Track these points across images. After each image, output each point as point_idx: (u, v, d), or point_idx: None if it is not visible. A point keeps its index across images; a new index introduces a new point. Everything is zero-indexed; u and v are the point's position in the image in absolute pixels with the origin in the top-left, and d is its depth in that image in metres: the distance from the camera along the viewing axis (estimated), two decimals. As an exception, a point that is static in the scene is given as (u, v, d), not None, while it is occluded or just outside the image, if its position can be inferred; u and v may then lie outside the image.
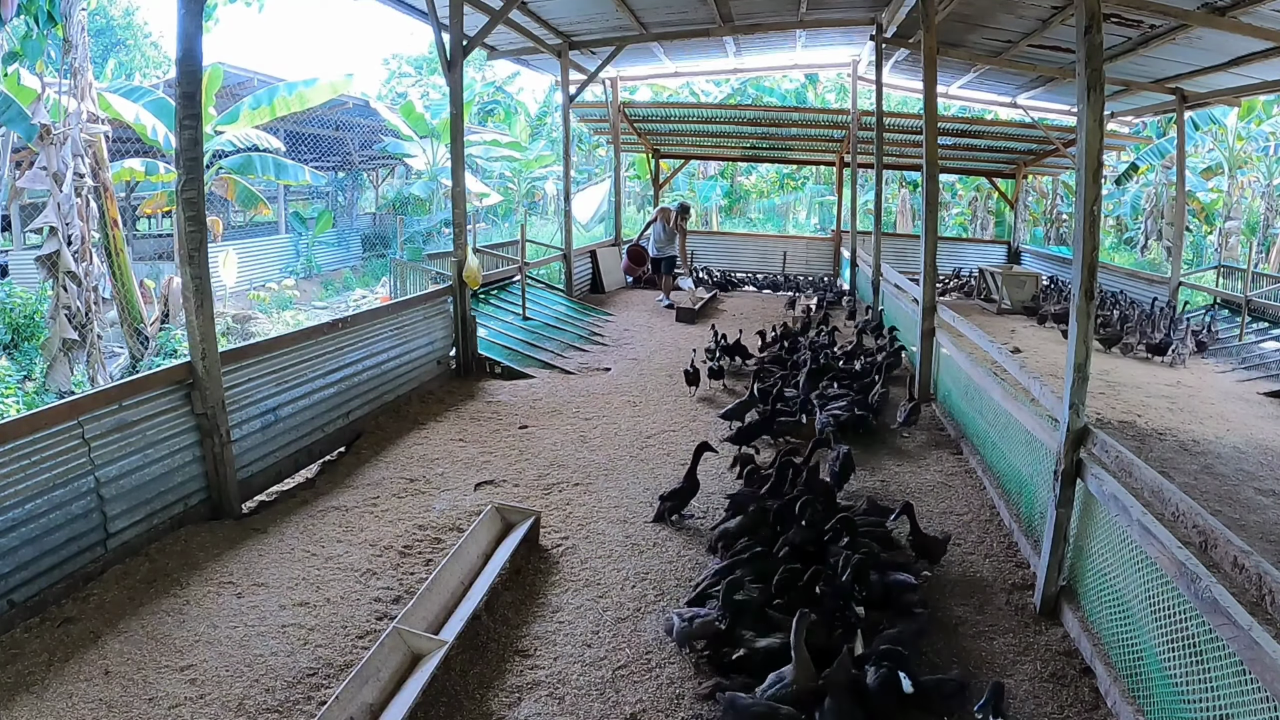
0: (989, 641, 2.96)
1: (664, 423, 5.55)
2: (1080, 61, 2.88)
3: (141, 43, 28.72)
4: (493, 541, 3.54)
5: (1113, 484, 2.74)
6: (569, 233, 10.56)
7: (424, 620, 2.87)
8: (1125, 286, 11.49)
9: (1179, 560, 2.24)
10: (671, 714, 2.55)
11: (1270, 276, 13.43)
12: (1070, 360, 2.94)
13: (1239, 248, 17.93)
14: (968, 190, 24.59)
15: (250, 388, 4.17)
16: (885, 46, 8.93)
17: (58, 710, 2.46)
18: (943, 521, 3.97)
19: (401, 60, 33.03)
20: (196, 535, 3.62)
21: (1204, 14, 6.27)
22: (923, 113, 6.19)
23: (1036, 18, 7.52)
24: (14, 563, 2.90)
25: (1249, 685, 1.93)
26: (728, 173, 27.60)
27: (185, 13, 3.58)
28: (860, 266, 11.02)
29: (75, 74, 8.42)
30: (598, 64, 10.29)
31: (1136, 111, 11.70)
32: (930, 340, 6.08)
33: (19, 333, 10.15)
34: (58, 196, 8.28)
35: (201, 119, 3.74)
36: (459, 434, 5.22)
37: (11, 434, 2.93)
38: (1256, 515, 4.21)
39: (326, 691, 2.58)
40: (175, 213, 4.63)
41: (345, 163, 23.17)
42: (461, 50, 6.44)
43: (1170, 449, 5.25)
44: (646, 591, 3.28)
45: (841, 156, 13.75)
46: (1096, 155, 2.89)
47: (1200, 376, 7.54)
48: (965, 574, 3.46)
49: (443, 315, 6.54)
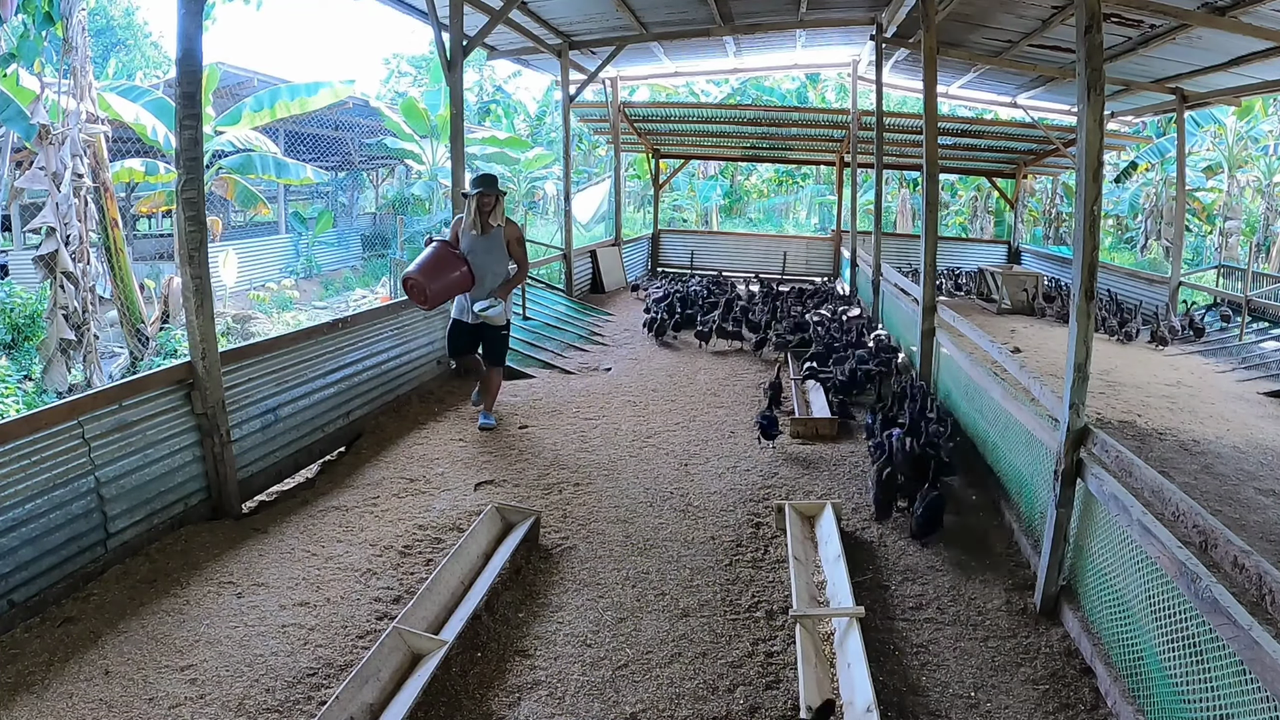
0: (989, 641, 2.96)
1: (664, 423, 5.55)
2: (1080, 61, 2.88)
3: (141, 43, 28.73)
4: (493, 541, 3.54)
5: (1113, 484, 2.74)
6: (569, 233, 10.56)
7: (424, 620, 2.87)
8: (1125, 287, 11.49)
9: (1179, 560, 2.24)
10: (671, 714, 2.55)
11: (1270, 276, 13.44)
12: (1070, 360, 2.94)
13: (1239, 248, 17.93)
14: (968, 190, 24.58)
15: (250, 388, 4.17)
16: (885, 46, 8.92)
17: (58, 710, 2.46)
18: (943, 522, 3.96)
19: (401, 59, 33.03)
20: (197, 535, 3.62)
21: (1204, 14, 6.26)
22: (923, 113, 6.19)
23: (1037, 17, 7.52)
24: (14, 563, 2.90)
25: (1249, 685, 1.93)
26: (727, 173, 27.60)
27: (185, 13, 3.58)
28: (860, 266, 11.02)
29: (75, 74, 8.41)
30: (598, 64, 10.28)
31: (1136, 111, 11.70)
32: (930, 340, 6.08)
33: (19, 332, 10.15)
34: (56, 197, 8.27)
35: (201, 119, 3.74)
36: (459, 434, 5.22)
37: (11, 434, 2.93)
38: (1256, 515, 4.21)
39: (326, 691, 2.58)
40: (175, 213, 4.62)
41: (345, 163, 23.16)
42: (461, 50, 6.44)
43: (1170, 449, 5.25)
44: (646, 591, 3.28)
45: (841, 156, 13.74)
46: (1096, 155, 2.89)
47: (1200, 376, 7.55)
48: (965, 574, 3.46)
49: (443, 315, 6.53)
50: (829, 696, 2.50)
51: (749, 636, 2.97)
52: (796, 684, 2.58)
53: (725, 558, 3.58)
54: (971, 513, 4.09)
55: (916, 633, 3.01)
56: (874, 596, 3.26)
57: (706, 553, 3.63)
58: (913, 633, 3.00)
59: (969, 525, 3.95)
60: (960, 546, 3.72)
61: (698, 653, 2.87)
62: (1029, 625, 3.07)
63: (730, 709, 2.57)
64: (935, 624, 3.07)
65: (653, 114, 13.63)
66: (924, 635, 2.99)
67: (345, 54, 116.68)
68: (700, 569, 3.47)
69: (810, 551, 3.59)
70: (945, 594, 3.28)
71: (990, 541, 3.78)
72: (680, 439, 5.20)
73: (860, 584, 3.30)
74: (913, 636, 2.98)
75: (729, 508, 4.11)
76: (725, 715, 2.55)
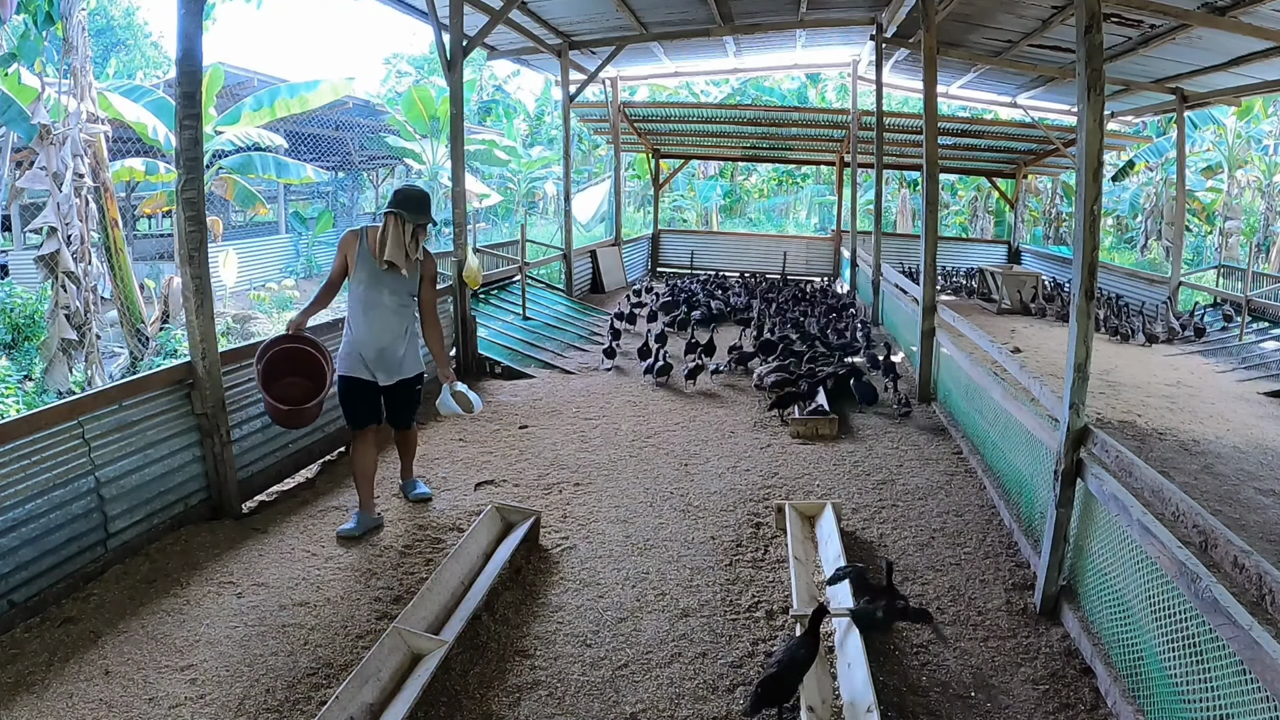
0: (989, 641, 2.96)
1: (664, 423, 5.55)
2: (1080, 61, 2.88)
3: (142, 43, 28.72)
4: (493, 541, 3.54)
5: (1113, 484, 2.74)
6: (569, 233, 10.56)
7: (424, 620, 2.87)
8: (1125, 287, 11.49)
9: (1179, 560, 2.24)
10: (671, 714, 2.55)
11: (1270, 276, 13.43)
12: (1070, 360, 2.94)
13: (1239, 248, 17.92)
14: (968, 190, 24.58)
15: (250, 388, 4.16)
16: (885, 46, 8.93)
17: (58, 710, 2.46)
18: (943, 521, 3.97)
19: (401, 59, 33.01)
20: (197, 535, 3.62)
21: (1204, 14, 6.26)
22: (923, 113, 6.20)
23: (1036, 17, 7.52)
24: (14, 563, 2.90)
25: (1249, 685, 1.93)
26: (727, 173, 27.59)
27: (185, 13, 3.58)
28: (860, 266, 11.02)
29: (75, 74, 8.41)
30: (598, 64, 10.29)
31: (1136, 111, 11.70)
32: (930, 340, 6.08)
33: (19, 332, 10.15)
34: (57, 196, 8.27)
35: (201, 119, 3.74)
36: (459, 434, 5.22)
37: (11, 434, 2.93)
38: (1256, 515, 4.21)
39: (326, 691, 2.58)
40: (175, 213, 4.62)
41: (345, 163, 23.15)
42: (462, 50, 6.44)
43: (1170, 449, 5.25)
44: (646, 591, 3.28)
45: (841, 156, 13.75)
46: (1096, 155, 2.89)
47: (1200, 376, 7.54)
48: (965, 574, 3.46)
49: (442, 315, 6.53)
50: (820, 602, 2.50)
51: (749, 636, 2.97)
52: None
53: (725, 558, 3.58)
54: (971, 513, 4.10)
55: (916, 633, 3.00)
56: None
57: (706, 553, 3.63)
58: (913, 633, 3.00)
59: (968, 525, 3.95)
60: (960, 546, 3.72)
61: (698, 653, 2.87)
62: (1029, 625, 3.07)
63: (730, 709, 2.57)
64: (935, 624, 3.07)
65: (653, 114, 13.63)
66: (924, 635, 2.99)
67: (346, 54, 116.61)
68: (700, 569, 3.47)
69: (810, 551, 3.59)
70: (945, 594, 3.28)
71: (990, 541, 3.78)
72: (680, 439, 5.20)
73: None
74: (913, 636, 2.98)
75: (729, 508, 4.12)
76: (725, 715, 2.55)
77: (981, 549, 3.70)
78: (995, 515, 4.06)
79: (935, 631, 3.01)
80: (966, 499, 4.26)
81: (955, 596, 3.27)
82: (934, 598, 3.25)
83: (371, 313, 3.68)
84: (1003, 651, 2.90)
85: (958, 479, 4.55)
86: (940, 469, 4.70)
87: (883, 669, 2.76)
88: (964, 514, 4.08)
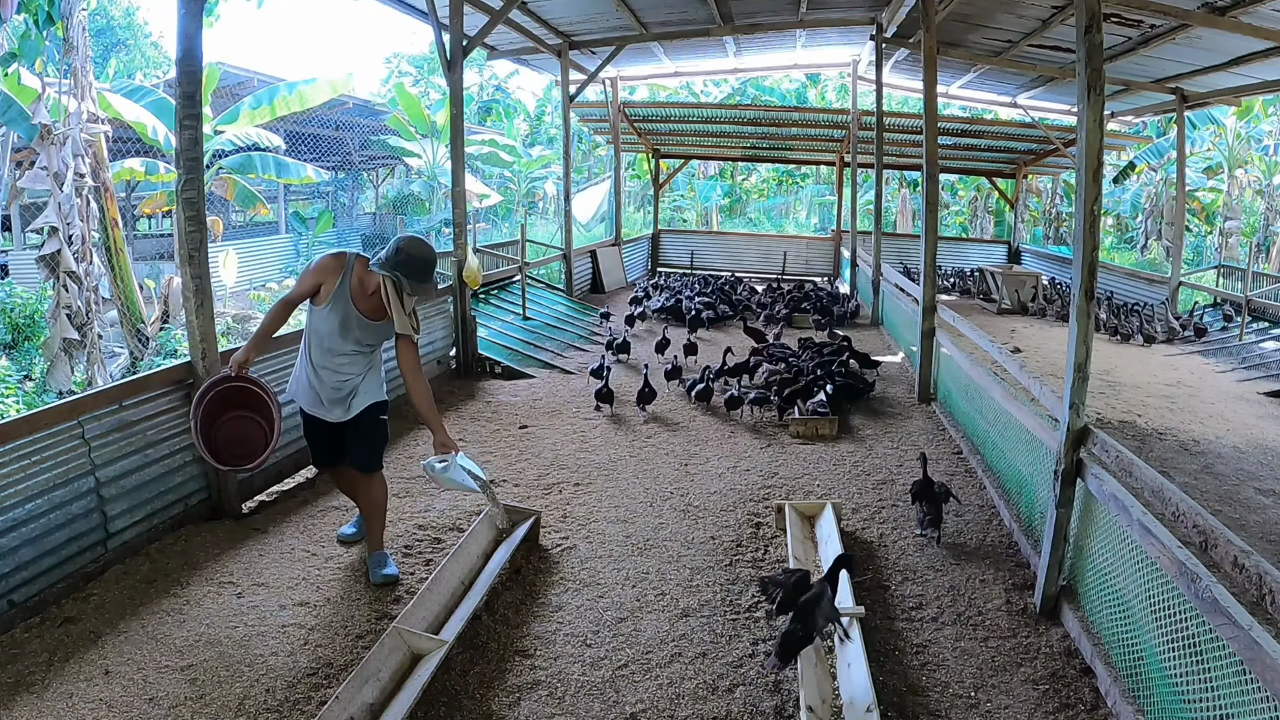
0: (989, 641, 2.96)
1: (664, 422, 5.55)
2: (1080, 61, 2.88)
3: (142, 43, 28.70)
4: (493, 541, 3.54)
5: (1113, 484, 2.74)
6: (569, 233, 10.56)
7: (424, 620, 2.87)
8: (1125, 287, 11.49)
9: (1179, 560, 2.24)
10: (671, 714, 2.55)
11: (1270, 276, 13.43)
12: (1070, 360, 2.94)
13: (1239, 248, 17.92)
14: (968, 190, 24.58)
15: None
16: (885, 46, 8.93)
17: (58, 710, 2.46)
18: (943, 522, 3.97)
19: (401, 59, 33.00)
20: (197, 535, 3.62)
21: (1204, 14, 6.26)
22: (923, 113, 6.20)
23: (1036, 17, 7.52)
24: (14, 563, 2.90)
25: (1249, 685, 1.93)
26: (727, 173, 27.59)
27: (185, 12, 3.58)
28: (860, 266, 11.02)
29: (75, 74, 8.41)
30: (598, 64, 10.29)
31: (1136, 111, 11.70)
32: (930, 340, 6.08)
33: (19, 332, 10.14)
34: (58, 196, 8.27)
35: (201, 119, 3.74)
36: (459, 434, 5.21)
37: (11, 434, 2.93)
38: (1256, 515, 4.21)
39: (326, 691, 2.58)
40: (175, 213, 4.62)
41: (345, 162, 23.16)
42: (462, 50, 6.44)
43: (1170, 449, 5.25)
44: (646, 591, 3.28)
45: (841, 156, 13.74)
46: (1096, 155, 2.89)
47: (1200, 376, 7.54)
48: (965, 573, 3.46)
49: (443, 315, 6.54)
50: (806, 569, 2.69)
51: (749, 636, 2.97)
52: (796, 684, 2.58)
53: (725, 558, 3.58)
54: (971, 513, 4.09)
55: (916, 633, 3.01)
56: (874, 596, 3.26)
57: (706, 553, 3.63)
58: (913, 633, 3.00)
59: (968, 525, 3.95)
60: (959, 546, 3.72)
61: (698, 653, 2.87)
62: (1029, 625, 3.07)
63: (730, 709, 2.57)
64: (935, 624, 3.07)
65: (653, 114, 13.63)
66: (924, 635, 2.99)
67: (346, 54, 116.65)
68: (700, 569, 3.47)
69: (810, 551, 3.59)
70: (945, 594, 3.28)
71: (990, 541, 3.78)
72: (680, 439, 5.20)
73: (860, 584, 3.30)
74: (913, 636, 2.98)
75: (729, 508, 4.12)
76: (725, 715, 2.55)
77: (981, 549, 3.70)
78: (995, 515, 4.06)
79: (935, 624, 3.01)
80: (966, 499, 4.26)
81: (955, 596, 3.27)
82: (934, 598, 3.25)
83: (333, 359, 3.19)
84: (1003, 651, 2.90)
85: (957, 479, 4.55)
86: (940, 469, 4.70)
87: (883, 669, 2.76)
88: (964, 514, 4.08)
